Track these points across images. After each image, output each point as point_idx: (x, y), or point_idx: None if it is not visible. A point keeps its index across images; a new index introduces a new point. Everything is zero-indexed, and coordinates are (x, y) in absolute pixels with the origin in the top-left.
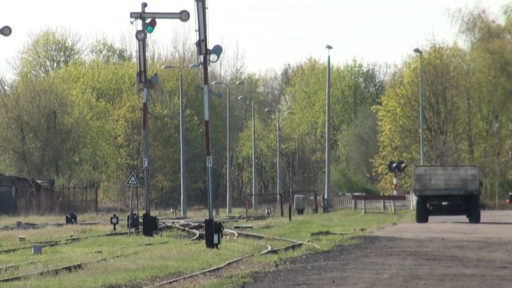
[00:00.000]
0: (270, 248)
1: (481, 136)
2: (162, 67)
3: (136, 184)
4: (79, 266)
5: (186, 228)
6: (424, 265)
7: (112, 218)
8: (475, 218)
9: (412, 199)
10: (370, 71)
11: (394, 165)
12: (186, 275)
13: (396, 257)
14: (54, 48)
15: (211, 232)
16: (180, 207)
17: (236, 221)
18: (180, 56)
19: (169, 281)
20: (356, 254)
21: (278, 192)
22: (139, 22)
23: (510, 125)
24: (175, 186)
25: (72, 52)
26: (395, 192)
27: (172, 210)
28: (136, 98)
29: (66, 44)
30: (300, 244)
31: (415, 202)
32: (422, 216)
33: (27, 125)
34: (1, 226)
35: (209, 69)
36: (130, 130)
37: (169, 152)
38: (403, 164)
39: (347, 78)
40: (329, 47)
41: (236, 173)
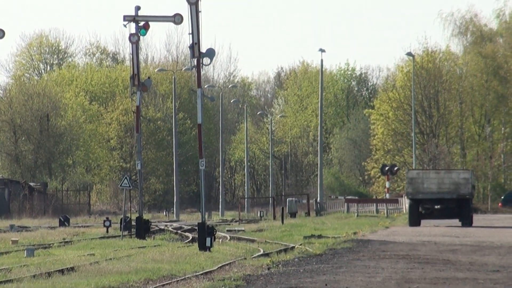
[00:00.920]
0: (262, 251)
1: (473, 139)
2: (155, 70)
3: (129, 187)
4: (72, 269)
5: (179, 231)
6: (416, 268)
7: (105, 221)
8: (467, 222)
9: (405, 203)
10: (363, 75)
11: (387, 168)
12: (179, 278)
13: (389, 260)
14: (47, 51)
15: (204, 235)
16: (173, 210)
17: (229, 224)
18: (173, 59)
19: (162, 284)
20: (349, 257)
21: (270, 195)
22: (133, 25)
23: (503, 129)
24: (168, 189)
25: (66, 55)
26: (387, 196)
27: (165, 213)
28: (129, 101)
29: (60, 47)
30: (292, 247)
31: (407, 206)
32: (415, 219)
33: (20, 128)
34: None
35: (202, 72)
36: (123, 133)
37: (162, 155)
38: (396, 168)
39: (339, 81)
40: (322, 51)
41: (229, 176)
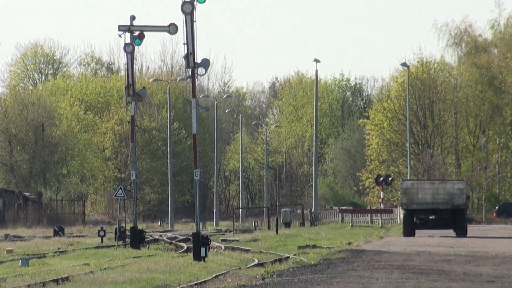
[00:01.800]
0: (257, 261)
1: (468, 150)
2: (150, 80)
3: (124, 196)
4: (67, 279)
5: (174, 241)
6: (411, 278)
7: (99, 231)
8: (462, 232)
9: (399, 213)
10: (358, 85)
11: (381, 178)
12: None
13: (383, 270)
14: (42, 60)
15: (198, 245)
16: (168, 220)
17: (223, 234)
18: (168, 69)
19: None
20: (343, 267)
21: (265, 206)
22: (127, 35)
23: (497, 139)
24: (163, 199)
25: (61, 64)
26: (382, 206)
27: (159, 223)
28: (124, 111)
29: (55, 57)
30: (287, 257)
31: (402, 216)
32: (409, 230)
33: (15, 137)
34: None
35: (197, 82)
36: (118, 143)
37: (156, 165)
38: (390, 178)
39: (334, 91)
40: (316, 61)
41: (223, 186)
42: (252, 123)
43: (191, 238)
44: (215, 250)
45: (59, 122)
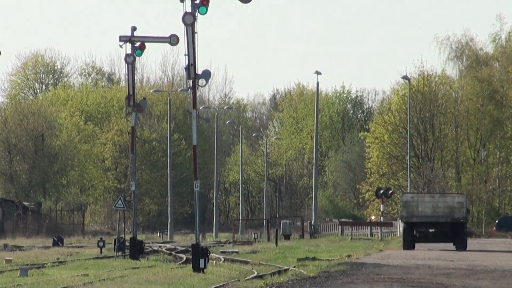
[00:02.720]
0: (256, 273)
1: (468, 163)
2: (151, 91)
3: (123, 207)
4: None
5: (173, 252)
6: None
7: (99, 242)
8: (462, 246)
9: (399, 226)
10: (359, 98)
11: (381, 191)
12: None
13: (383, 284)
14: (43, 70)
15: (198, 256)
16: (167, 231)
17: (223, 245)
18: (168, 80)
19: None
20: (343, 280)
21: (264, 217)
22: (128, 45)
23: (498, 153)
24: (162, 210)
25: (61, 75)
26: (382, 219)
27: (159, 234)
28: (124, 122)
29: (55, 67)
30: (286, 270)
31: (402, 229)
32: (409, 243)
33: (15, 147)
34: None
35: (197, 93)
36: (117, 153)
37: (156, 176)
38: (390, 191)
39: (335, 104)
40: (317, 73)
41: (223, 197)
42: (253, 135)
43: (190, 249)
44: (214, 261)
45: (59, 132)
